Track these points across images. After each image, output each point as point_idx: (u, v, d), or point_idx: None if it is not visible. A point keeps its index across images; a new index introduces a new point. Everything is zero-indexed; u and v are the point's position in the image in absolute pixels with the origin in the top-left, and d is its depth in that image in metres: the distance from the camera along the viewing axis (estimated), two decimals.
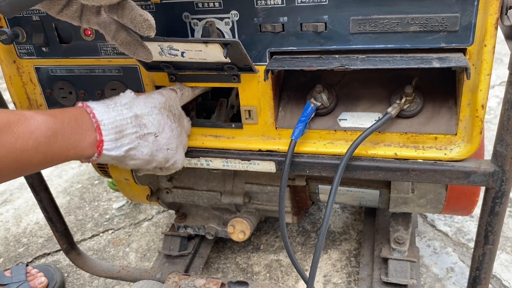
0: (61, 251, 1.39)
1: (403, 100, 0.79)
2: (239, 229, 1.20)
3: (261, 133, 0.89)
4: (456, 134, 0.79)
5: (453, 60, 0.70)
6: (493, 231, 0.84)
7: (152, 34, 0.70)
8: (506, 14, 0.69)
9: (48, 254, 1.62)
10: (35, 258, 1.60)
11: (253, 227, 1.22)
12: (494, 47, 0.69)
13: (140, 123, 0.75)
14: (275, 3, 0.75)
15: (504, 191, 0.79)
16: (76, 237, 1.67)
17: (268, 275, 1.41)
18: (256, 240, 1.55)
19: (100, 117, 0.70)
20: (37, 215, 1.82)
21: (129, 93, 0.80)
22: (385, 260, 1.21)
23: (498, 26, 0.69)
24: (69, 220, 1.77)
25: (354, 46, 0.76)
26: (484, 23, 0.68)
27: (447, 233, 1.50)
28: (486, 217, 0.83)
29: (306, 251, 1.48)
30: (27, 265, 1.42)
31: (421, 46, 0.73)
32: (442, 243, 1.46)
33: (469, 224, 1.53)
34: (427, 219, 1.56)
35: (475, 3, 0.68)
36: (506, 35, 0.71)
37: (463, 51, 0.72)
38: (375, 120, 0.82)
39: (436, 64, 0.70)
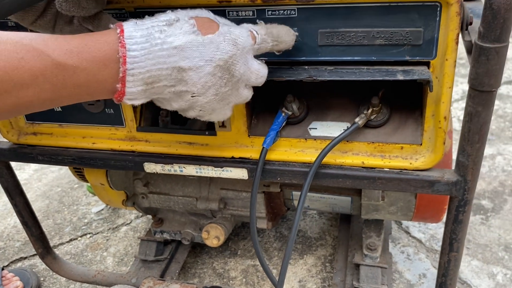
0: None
1: (369, 111, 0.81)
2: (213, 235, 1.21)
3: (234, 141, 0.91)
4: (421, 144, 0.81)
5: (417, 73, 0.73)
6: (457, 239, 0.87)
7: None
8: (466, 29, 0.72)
9: (25, 258, 1.61)
10: (12, 262, 1.60)
11: (227, 233, 1.24)
12: (455, 61, 0.72)
13: (181, 78, 0.62)
14: (246, 15, 0.77)
15: (466, 200, 0.81)
16: (54, 241, 1.67)
17: (244, 280, 1.42)
18: (234, 245, 1.57)
19: (131, 65, 0.58)
20: (15, 219, 1.81)
21: (189, 26, 0.62)
22: (358, 266, 1.23)
23: (460, 41, 0.71)
24: (47, 224, 1.77)
25: (322, 58, 0.78)
26: (446, 38, 0.71)
27: (420, 239, 1.53)
28: (450, 225, 0.86)
29: (282, 256, 1.50)
30: (2, 269, 1.41)
31: (386, 59, 0.75)
32: (416, 249, 1.49)
33: (443, 231, 1.55)
34: (402, 225, 1.59)
35: (437, 19, 0.70)
36: (467, 49, 0.73)
37: (427, 64, 0.75)
38: (343, 130, 0.84)
39: (400, 77, 0.72)
